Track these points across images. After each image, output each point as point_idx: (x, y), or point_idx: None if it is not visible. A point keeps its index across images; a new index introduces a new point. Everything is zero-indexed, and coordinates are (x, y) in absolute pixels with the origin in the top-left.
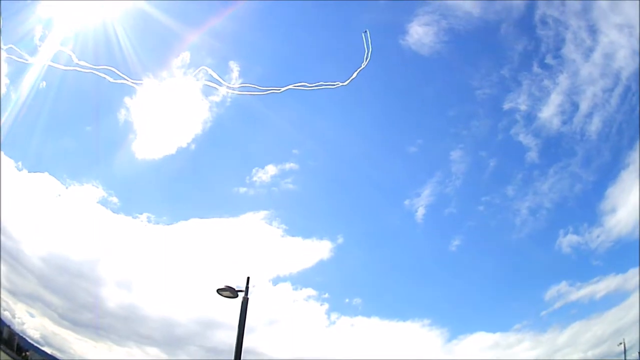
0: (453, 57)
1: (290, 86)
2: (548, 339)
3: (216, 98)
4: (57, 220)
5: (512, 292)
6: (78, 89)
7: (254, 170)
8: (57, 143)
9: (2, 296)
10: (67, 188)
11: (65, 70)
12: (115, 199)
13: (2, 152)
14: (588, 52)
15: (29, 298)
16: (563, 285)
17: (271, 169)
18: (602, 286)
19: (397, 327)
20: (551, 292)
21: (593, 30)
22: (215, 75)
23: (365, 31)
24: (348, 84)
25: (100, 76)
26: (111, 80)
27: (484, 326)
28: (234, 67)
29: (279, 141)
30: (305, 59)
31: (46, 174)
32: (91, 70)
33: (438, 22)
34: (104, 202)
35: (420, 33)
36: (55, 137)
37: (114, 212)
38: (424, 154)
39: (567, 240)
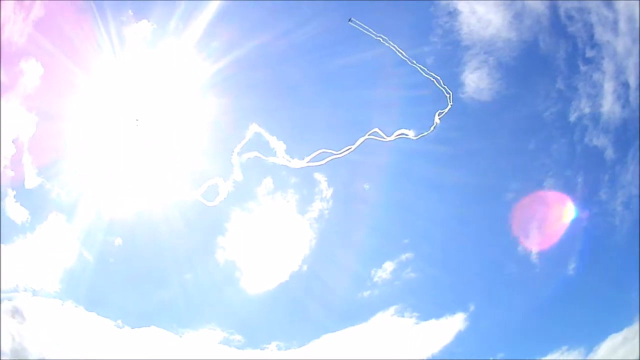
0: (512, 91)
1: (366, 136)
2: None
3: (313, 214)
4: None
5: (629, 285)
6: (157, 241)
7: (372, 272)
8: (155, 296)
9: None
10: (181, 337)
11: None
12: (238, 337)
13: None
14: (614, 26)
15: None
16: None
17: (389, 265)
18: None
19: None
20: None
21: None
22: (283, 154)
23: (350, 19)
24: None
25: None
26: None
27: (611, 328)
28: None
29: (386, 237)
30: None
31: (152, 327)
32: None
33: (486, 62)
34: (226, 342)
35: (475, 80)
36: (151, 290)
37: (239, 348)
38: (521, 196)
39: None
